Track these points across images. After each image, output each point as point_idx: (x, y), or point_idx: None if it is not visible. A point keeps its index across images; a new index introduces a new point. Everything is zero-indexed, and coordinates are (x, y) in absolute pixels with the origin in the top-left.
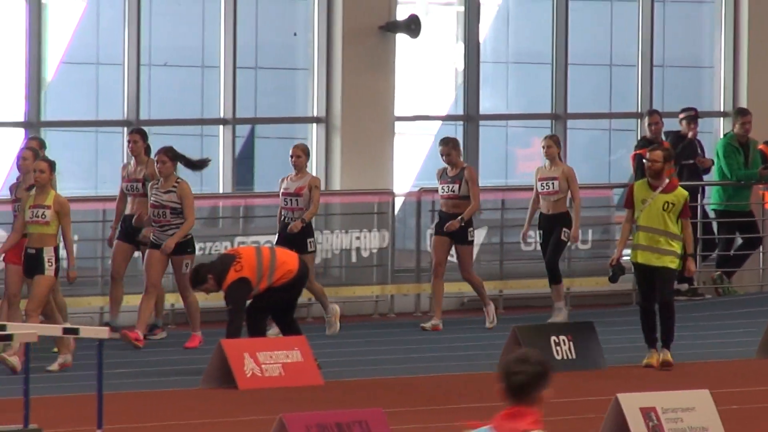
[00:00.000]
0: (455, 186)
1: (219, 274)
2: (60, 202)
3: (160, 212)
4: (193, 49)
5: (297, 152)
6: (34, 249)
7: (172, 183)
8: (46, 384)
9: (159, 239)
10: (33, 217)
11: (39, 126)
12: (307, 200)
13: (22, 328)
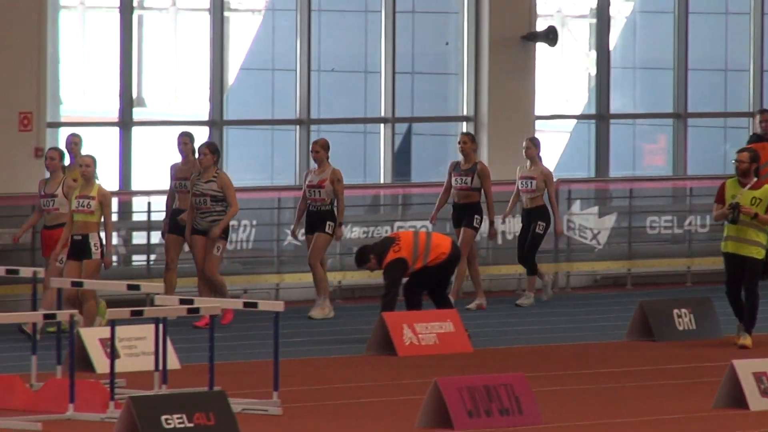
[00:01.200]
0: (468, 179)
1: (380, 254)
2: (103, 194)
3: (201, 200)
4: (357, 56)
5: (316, 147)
6: (80, 235)
7: (212, 174)
8: (228, 351)
9: (199, 225)
10: (79, 206)
11: (222, 125)
12: (329, 192)
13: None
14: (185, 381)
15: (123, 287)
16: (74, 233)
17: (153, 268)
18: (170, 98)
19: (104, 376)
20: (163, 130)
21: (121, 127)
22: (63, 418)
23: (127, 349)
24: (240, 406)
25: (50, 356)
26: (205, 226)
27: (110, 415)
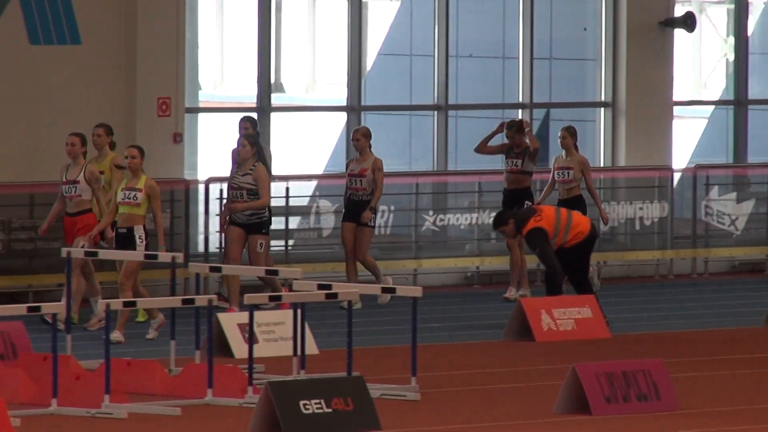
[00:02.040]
0: (519, 161)
1: (520, 221)
2: (150, 186)
3: (238, 193)
4: (495, 42)
5: (357, 136)
6: (125, 228)
7: (249, 166)
8: (366, 337)
9: (237, 218)
10: (125, 198)
11: (360, 110)
12: (370, 181)
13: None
14: (323, 366)
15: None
16: (119, 226)
17: (291, 253)
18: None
19: (242, 362)
20: (301, 116)
21: (260, 113)
22: (201, 403)
23: (265, 334)
24: (378, 392)
25: (189, 341)
26: (243, 219)
27: (248, 401)
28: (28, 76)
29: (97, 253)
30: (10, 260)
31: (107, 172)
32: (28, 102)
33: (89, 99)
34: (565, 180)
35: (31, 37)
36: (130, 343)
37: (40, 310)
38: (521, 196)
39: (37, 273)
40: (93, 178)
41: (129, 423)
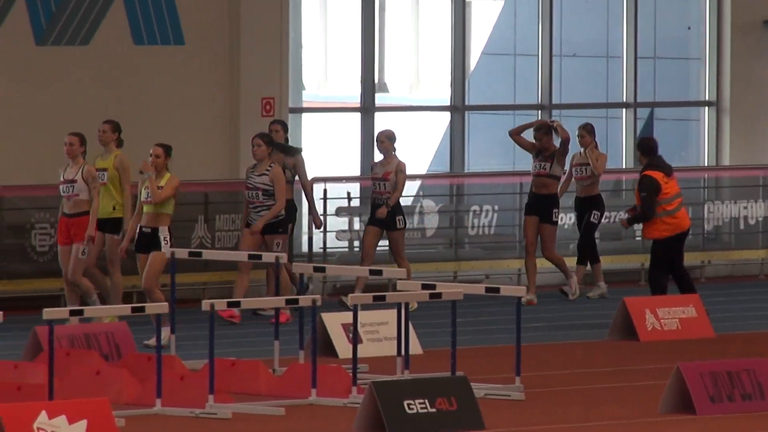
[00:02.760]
0: (547, 164)
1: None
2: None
3: (253, 194)
4: (598, 41)
5: (381, 138)
6: (149, 228)
7: (266, 166)
8: (470, 336)
9: (253, 220)
10: (149, 197)
11: (463, 110)
12: (394, 184)
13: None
14: (427, 366)
15: (365, 272)
16: (143, 225)
17: None
18: (412, 83)
19: (347, 361)
20: (405, 116)
21: (363, 113)
22: (305, 403)
23: (369, 334)
24: (482, 391)
25: (293, 341)
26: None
27: (353, 400)
28: (132, 77)
29: (201, 254)
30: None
31: (111, 170)
32: (133, 102)
33: (192, 99)
34: (583, 177)
35: (135, 37)
36: (234, 342)
37: (144, 310)
38: (548, 202)
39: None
40: (90, 177)
41: (233, 423)
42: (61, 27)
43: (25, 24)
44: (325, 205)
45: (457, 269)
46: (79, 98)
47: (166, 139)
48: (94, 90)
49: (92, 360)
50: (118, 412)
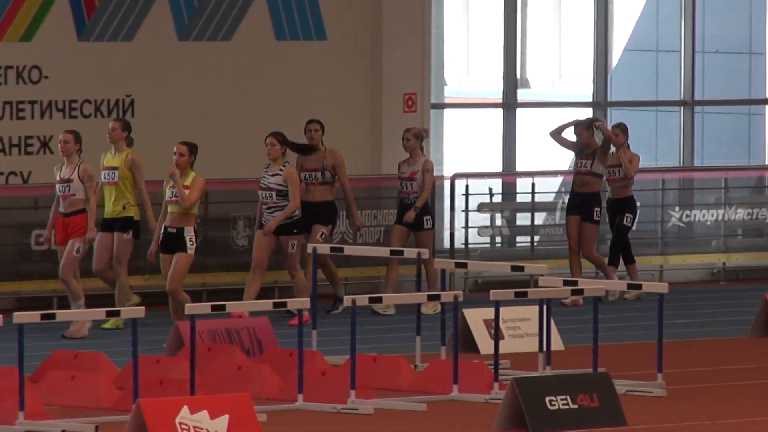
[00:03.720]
0: (588, 162)
1: None
2: (196, 182)
3: (267, 194)
4: (741, 37)
5: (407, 136)
6: (174, 228)
7: (279, 166)
8: (611, 333)
9: (267, 221)
10: (173, 197)
11: (606, 106)
12: (421, 183)
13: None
14: (569, 362)
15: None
16: (168, 225)
17: (537, 249)
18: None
19: (488, 357)
20: (547, 112)
21: (505, 109)
22: (447, 399)
23: (511, 330)
24: (624, 388)
25: (434, 337)
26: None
27: (494, 396)
28: (273, 72)
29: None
30: None
31: (122, 169)
32: (274, 97)
33: (334, 95)
34: (616, 178)
35: (277, 33)
36: (375, 338)
37: (286, 305)
38: (589, 201)
39: (282, 269)
40: (86, 176)
41: (375, 419)
42: (204, 22)
43: (167, 20)
44: (467, 201)
45: None
46: (221, 94)
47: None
48: (236, 86)
49: (234, 355)
50: (260, 407)
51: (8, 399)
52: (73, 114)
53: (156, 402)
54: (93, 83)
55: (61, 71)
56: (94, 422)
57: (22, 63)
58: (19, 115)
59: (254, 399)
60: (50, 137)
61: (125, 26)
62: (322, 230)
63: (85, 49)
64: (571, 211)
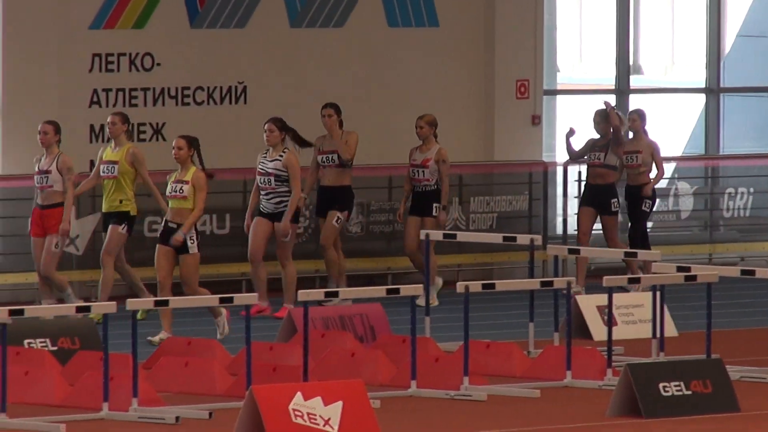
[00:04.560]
0: (601, 154)
1: None
2: (198, 177)
3: (265, 180)
4: None
5: (420, 123)
6: (174, 223)
7: (279, 152)
8: (725, 319)
9: (265, 208)
10: (173, 192)
11: (718, 92)
12: (433, 171)
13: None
14: (682, 348)
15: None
16: (169, 219)
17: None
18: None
19: (601, 344)
20: (660, 98)
21: (617, 95)
22: (560, 385)
23: (624, 316)
24: (737, 374)
25: (548, 323)
26: (270, 209)
27: (608, 383)
28: (385, 59)
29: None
30: (369, 242)
31: (123, 163)
32: (385, 84)
33: (446, 82)
34: (633, 165)
35: (389, 19)
36: (490, 325)
37: (399, 292)
38: (605, 192)
39: (395, 255)
40: (65, 168)
41: (488, 405)
42: (316, 9)
43: (280, 6)
44: (580, 188)
45: (711, 251)
46: (333, 81)
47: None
48: (348, 72)
49: (347, 342)
50: (373, 393)
51: (122, 386)
52: (186, 101)
53: (269, 388)
54: (205, 70)
55: (173, 58)
56: (207, 408)
57: (135, 50)
58: (131, 102)
59: (367, 385)
60: (163, 124)
61: (237, 13)
62: (338, 215)
63: (198, 36)
64: (585, 202)
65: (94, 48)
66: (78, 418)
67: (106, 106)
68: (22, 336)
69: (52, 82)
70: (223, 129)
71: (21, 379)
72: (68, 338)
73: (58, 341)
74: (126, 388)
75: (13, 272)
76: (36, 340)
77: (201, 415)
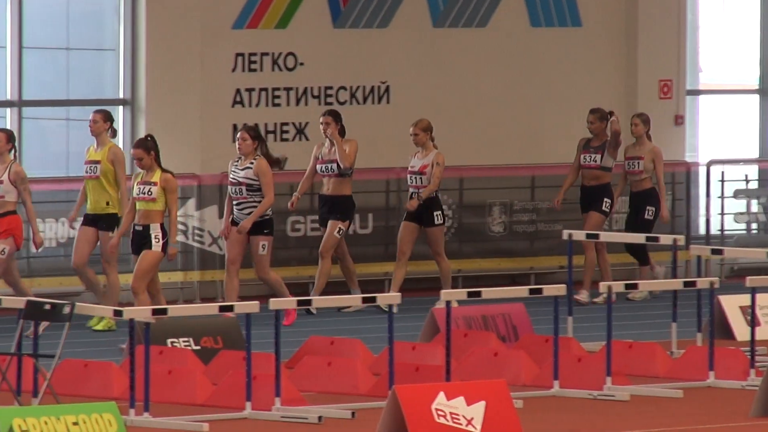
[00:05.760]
0: (597, 156)
1: None
2: (166, 179)
3: (237, 189)
4: None
5: (415, 130)
6: (141, 225)
7: (250, 159)
8: None
9: (237, 217)
10: (140, 193)
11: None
12: (430, 177)
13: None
14: None
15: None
16: (135, 223)
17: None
18: None
19: (744, 344)
20: None
21: (761, 95)
22: (703, 386)
23: (767, 316)
24: None
25: (691, 324)
26: (242, 219)
27: (751, 383)
28: (528, 58)
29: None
30: (512, 242)
31: (104, 163)
32: (528, 84)
33: (588, 82)
34: (635, 171)
35: (532, 19)
36: (631, 324)
37: (542, 292)
38: (599, 193)
39: (538, 255)
40: (18, 179)
41: (631, 405)
42: (459, 9)
43: (422, 6)
44: (723, 188)
45: None
46: (474, 80)
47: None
48: (490, 72)
49: (489, 341)
50: (516, 393)
51: (265, 385)
52: (329, 101)
53: (412, 388)
54: (348, 70)
55: (316, 58)
56: (350, 408)
57: (278, 50)
58: (274, 102)
59: (510, 385)
60: (306, 124)
61: (380, 13)
62: (339, 226)
63: (341, 35)
64: (584, 208)
65: (237, 48)
66: (221, 418)
67: (249, 106)
68: (165, 335)
69: (195, 82)
70: (366, 129)
71: (164, 378)
72: (211, 337)
73: (201, 340)
74: (269, 388)
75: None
76: (179, 339)
77: (344, 415)
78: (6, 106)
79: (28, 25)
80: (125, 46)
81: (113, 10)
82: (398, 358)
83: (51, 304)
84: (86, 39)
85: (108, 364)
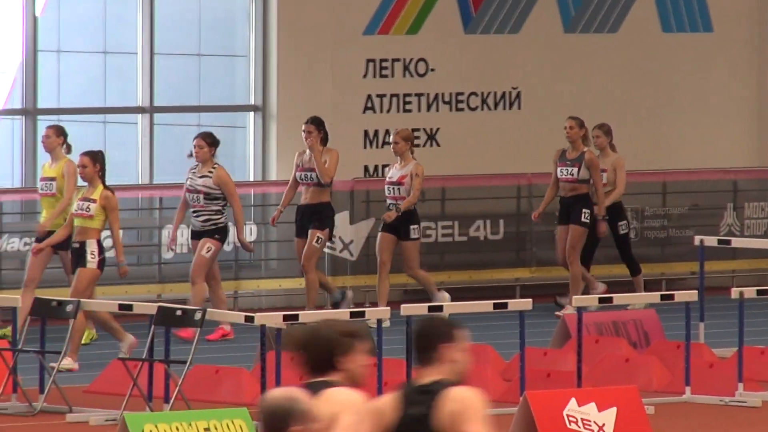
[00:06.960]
0: (574, 169)
1: None
2: (106, 197)
3: (194, 197)
4: None
5: (396, 139)
6: (77, 243)
7: (208, 168)
8: None
9: (193, 225)
10: (78, 209)
11: None
12: (409, 190)
13: None
14: None
15: None
16: (73, 240)
17: None
18: None
19: None
20: None
21: None
22: None
23: None
24: None
25: None
26: (197, 227)
27: None
28: (660, 64)
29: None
30: (643, 248)
31: (59, 179)
32: (658, 90)
33: (719, 86)
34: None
35: (663, 24)
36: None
37: (673, 298)
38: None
39: (669, 261)
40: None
41: (763, 411)
42: (590, 14)
43: (553, 12)
44: None
45: None
46: (606, 86)
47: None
48: (621, 77)
49: (621, 347)
50: (648, 399)
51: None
52: (460, 107)
53: (543, 394)
54: (479, 76)
55: (447, 64)
56: None
57: (409, 56)
58: (405, 107)
59: (641, 391)
60: (437, 130)
61: (512, 19)
62: (318, 235)
63: (472, 41)
64: (561, 219)
65: (368, 53)
66: None
67: (380, 111)
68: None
69: (326, 88)
70: (497, 134)
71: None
72: None
73: None
74: None
75: (288, 278)
76: None
77: None
78: (137, 112)
79: (160, 32)
80: (256, 53)
81: (244, 16)
82: (529, 364)
83: (182, 310)
84: (217, 45)
85: (239, 370)
